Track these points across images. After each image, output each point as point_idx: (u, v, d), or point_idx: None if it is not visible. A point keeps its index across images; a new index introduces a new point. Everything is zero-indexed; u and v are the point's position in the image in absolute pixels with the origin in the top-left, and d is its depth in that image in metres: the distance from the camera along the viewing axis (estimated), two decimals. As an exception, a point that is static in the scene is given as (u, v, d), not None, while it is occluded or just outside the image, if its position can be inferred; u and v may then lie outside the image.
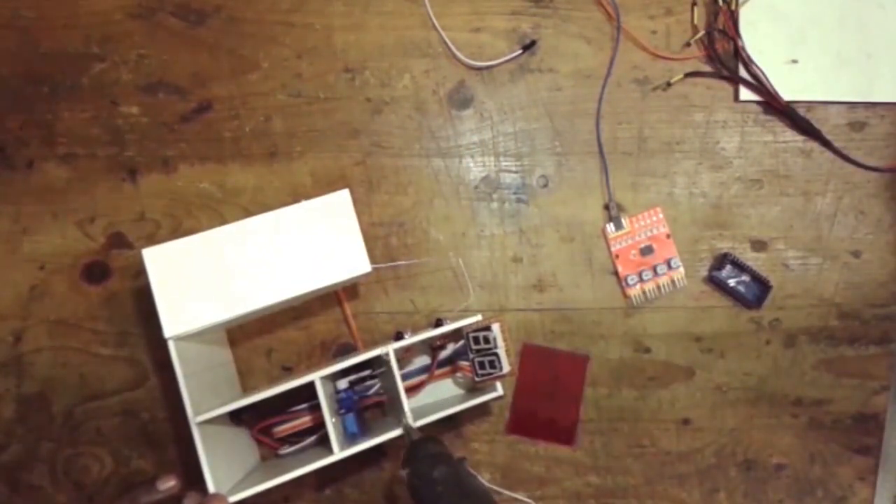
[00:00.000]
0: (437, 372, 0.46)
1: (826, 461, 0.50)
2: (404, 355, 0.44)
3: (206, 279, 0.41)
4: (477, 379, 0.43)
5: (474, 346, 0.42)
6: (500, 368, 0.42)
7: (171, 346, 0.40)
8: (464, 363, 0.45)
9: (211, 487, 0.39)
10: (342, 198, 0.43)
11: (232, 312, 0.41)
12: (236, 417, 0.45)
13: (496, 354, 0.42)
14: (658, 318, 0.50)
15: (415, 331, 0.44)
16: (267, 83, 0.49)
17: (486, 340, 0.42)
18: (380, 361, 0.43)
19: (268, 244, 0.42)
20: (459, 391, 0.47)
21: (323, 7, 0.49)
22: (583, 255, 0.50)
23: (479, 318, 0.42)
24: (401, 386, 0.41)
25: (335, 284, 0.42)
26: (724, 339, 0.50)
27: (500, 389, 0.44)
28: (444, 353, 0.46)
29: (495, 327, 0.42)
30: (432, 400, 0.47)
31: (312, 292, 0.42)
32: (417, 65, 0.50)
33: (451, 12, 0.50)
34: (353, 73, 0.49)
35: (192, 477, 0.40)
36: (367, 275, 0.42)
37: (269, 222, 0.42)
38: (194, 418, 0.39)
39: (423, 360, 0.47)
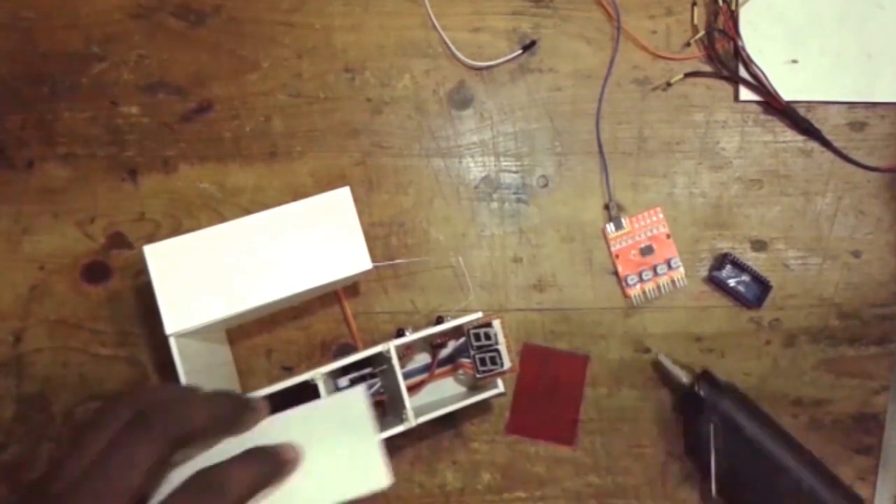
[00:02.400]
0: (438, 371, 0.46)
1: (826, 461, 0.50)
2: (405, 353, 0.44)
3: (208, 276, 0.41)
4: (478, 376, 0.43)
5: (475, 343, 0.42)
6: (502, 365, 0.42)
7: (173, 342, 0.40)
8: (465, 360, 0.45)
9: None
10: (343, 195, 0.43)
11: (233, 309, 0.41)
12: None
13: (497, 351, 0.42)
14: (658, 318, 0.50)
15: (415, 329, 0.44)
16: (267, 83, 0.49)
17: (487, 337, 0.42)
18: (380, 360, 0.43)
19: (269, 241, 0.42)
20: (461, 389, 0.47)
21: (323, 7, 0.50)
22: (583, 255, 0.50)
23: (479, 315, 0.42)
24: (402, 380, 0.41)
25: (336, 282, 0.42)
26: (724, 339, 0.50)
27: (501, 386, 0.44)
28: (444, 352, 0.46)
29: (496, 324, 0.42)
30: (433, 399, 0.47)
31: (314, 289, 0.42)
32: (417, 65, 0.50)
33: (451, 12, 0.50)
34: (353, 73, 0.49)
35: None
36: (367, 272, 0.42)
37: (270, 219, 0.42)
38: None
39: (423, 359, 0.47)
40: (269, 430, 0.33)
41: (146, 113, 0.49)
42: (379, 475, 0.34)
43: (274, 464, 0.32)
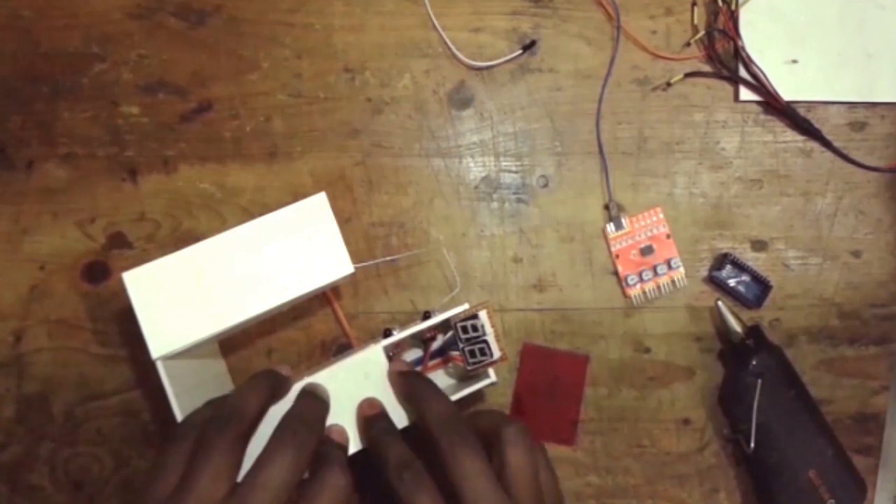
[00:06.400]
0: (431, 363, 0.46)
1: (826, 461, 0.50)
2: (395, 351, 0.44)
3: (190, 296, 0.40)
4: (469, 368, 0.42)
5: (463, 336, 0.42)
6: (491, 355, 0.42)
7: (160, 366, 0.40)
8: (455, 353, 0.45)
9: None
10: (319, 201, 0.42)
11: (218, 327, 0.41)
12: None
13: (485, 342, 0.42)
14: (658, 318, 0.50)
15: (403, 326, 0.44)
16: (267, 83, 0.49)
17: (475, 329, 0.42)
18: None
19: (249, 255, 0.41)
20: (453, 381, 0.47)
21: (323, 7, 0.50)
22: (583, 255, 0.50)
23: (465, 307, 0.42)
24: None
25: (319, 288, 0.42)
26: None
27: (493, 376, 0.44)
28: (435, 344, 0.46)
29: (482, 314, 0.42)
30: None
31: (298, 298, 0.42)
32: (417, 65, 0.50)
33: (451, 12, 0.50)
34: (353, 73, 0.49)
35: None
36: (351, 276, 0.42)
37: (248, 233, 0.42)
38: None
39: (414, 354, 0.46)
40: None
41: (146, 113, 0.49)
42: (399, 417, 0.41)
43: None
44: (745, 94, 0.50)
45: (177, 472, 0.34)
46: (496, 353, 0.42)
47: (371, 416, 0.40)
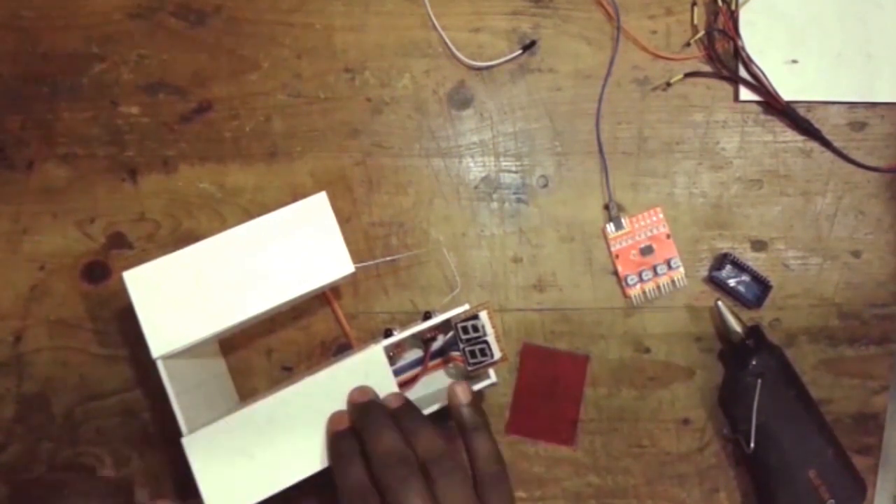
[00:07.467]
0: (431, 364, 0.46)
1: (826, 461, 0.50)
2: (395, 351, 0.44)
3: (191, 295, 0.40)
4: (469, 368, 0.43)
5: (463, 336, 0.42)
6: (492, 356, 0.42)
7: (161, 365, 0.40)
8: (455, 353, 0.45)
9: (207, 501, 0.39)
10: (319, 201, 0.42)
11: (218, 326, 0.41)
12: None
13: (486, 342, 0.42)
14: (658, 318, 0.50)
15: (403, 326, 0.44)
16: (267, 83, 0.49)
17: (475, 329, 0.42)
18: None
19: (250, 254, 0.41)
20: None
21: (323, 7, 0.50)
22: (583, 255, 0.50)
23: (466, 307, 0.42)
24: (393, 379, 0.41)
25: (320, 288, 0.42)
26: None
27: (493, 376, 0.44)
28: (435, 345, 0.46)
29: (483, 315, 0.42)
30: (427, 391, 0.46)
31: (298, 298, 0.42)
32: (417, 65, 0.50)
33: (451, 12, 0.50)
34: (353, 73, 0.49)
35: (191, 484, 0.40)
36: (351, 275, 0.42)
37: (248, 232, 0.42)
38: (188, 435, 0.39)
39: (415, 354, 0.47)
40: (311, 387, 0.41)
41: (146, 113, 0.49)
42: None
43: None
44: (745, 94, 0.50)
45: None
46: (497, 354, 0.42)
47: (361, 404, 0.40)
